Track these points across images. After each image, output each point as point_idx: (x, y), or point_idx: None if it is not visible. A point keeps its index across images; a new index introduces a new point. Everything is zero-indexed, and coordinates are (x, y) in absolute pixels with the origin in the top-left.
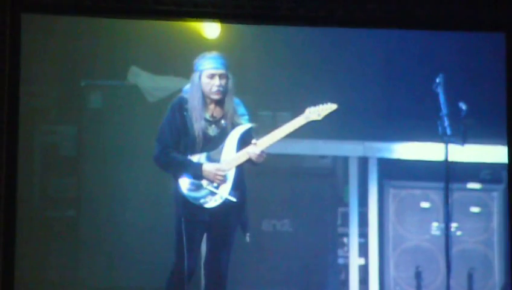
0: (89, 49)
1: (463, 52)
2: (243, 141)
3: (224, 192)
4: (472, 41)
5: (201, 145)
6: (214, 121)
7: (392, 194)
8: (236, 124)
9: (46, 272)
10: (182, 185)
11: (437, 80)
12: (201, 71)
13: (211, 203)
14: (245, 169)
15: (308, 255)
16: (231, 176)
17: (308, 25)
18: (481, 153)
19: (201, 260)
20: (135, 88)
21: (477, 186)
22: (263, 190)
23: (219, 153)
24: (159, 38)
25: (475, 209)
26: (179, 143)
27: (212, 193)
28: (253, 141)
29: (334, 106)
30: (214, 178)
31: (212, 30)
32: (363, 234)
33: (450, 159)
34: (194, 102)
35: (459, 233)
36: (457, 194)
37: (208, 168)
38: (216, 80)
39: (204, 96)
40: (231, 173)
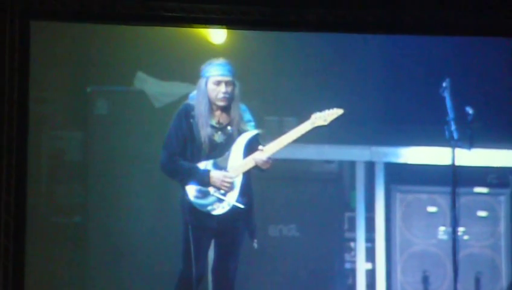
0: (96, 55)
1: (469, 56)
2: (250, 148)
3: (231, 199)
4: (478, 45)
5: (207, 152)
6: (220, 128)
7: (399, 198)
8: (242, 131)
9: (54, 278)
10: (189, 193)
11: (444, 85)
12: (207, 78)
13: (219, 210)
14: (252, 175)
15: (315, 260)
16: (238, 183)
17: (316, 31)
18: (488, 157)
19: (208, 267)
20: (142, 94)
21: (484, 190)
22: (270, 195)
23: (226, 160)
24: (166, 44)
25: (482, 213)
26: (186, 150)
27: (219, 200)
28: (259, 147)
29: (340, 111)
30: (221, 185)
31: (218, 36)
32: (370, 239)
33: (457, 164)
34: (201, 108)
35: (466, 237)
36: (464, 198)
37: (215, 175)
38: (222, 87)
39: (210, 102)
40: (238, 180)
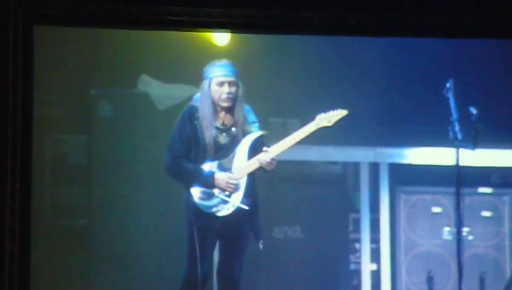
0: (100, 57)
1: (473, 56)
2: (254, 149)
3: (236, 200)
4: (482, 45)
5: (212, 153)
6: (225, 129)
7: (404, 199)
8: (247, 132)
9: (58, 281)
10: (194, 194)
11: (447, 85)
12: (210, 79)
13: (223, 211)
14: (257, 176)
15: (319, 261)
16: (243, 184)
17: (320, 35)
18: (492, 158)
19: (214, 268)
20: (145, 96)
21: (488, 190)
22: (274, 197)
23: (230, 161)
24: (169, 46)
25: (486, 213)
26: (190, 152)
27: (224, 202)
28: (264, 149)
29: (345, 112)
30: (226, 187)
31: (222, 37)
32: (375, 240)
33: (461, 164)
34: (204, 110)
35: (471, 238)
36: (468, 198)
37: (220, 176)
38: (226, 88)
39: (214, 104)
40: (243, 181)
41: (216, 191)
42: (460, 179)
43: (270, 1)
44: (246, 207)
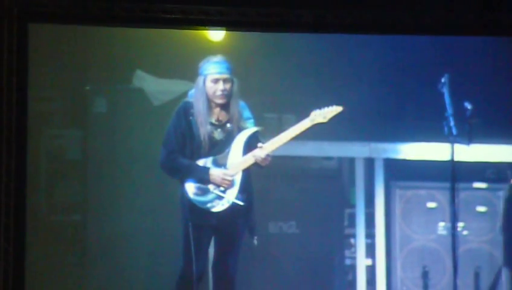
0: (95, 53)
1: (468, 51)
2: (249, 145)
3: (231, 196)
4: (477, 40)
5: (207, 149)
6: (220, 125)
7: (399, 194)
8: (242, 128)
9: (53, 276)
10: (188, 190)
11: (442, 80)
12: (205, 76)
13: (218, 207)
14: (252, 172)
15: (315, 256)
16: (238, 180)
17: (314, 32)
18: (487, 153)
19: (209, 264)
20: (140, 92)
21: (483, 185)
22: (269, 192)
23: (225, 157)
24: (164, 41)
25: (481, 208)
26: (185, 148)
27: (219, 197)
28: (259, 144)
29: (340, 109)
30: (221, 182)
31: (217, 33)
32: (370, 235)
33: (456, 159)
34: (199, 106)
35: (466, 233)
36: (463, 193)
37: (215, 172)
38: (220, 85)
39: (209, 100)
40: (238, 177)
41: (211, 186)
42: (455, 174)
43: None
44: (241, 203)
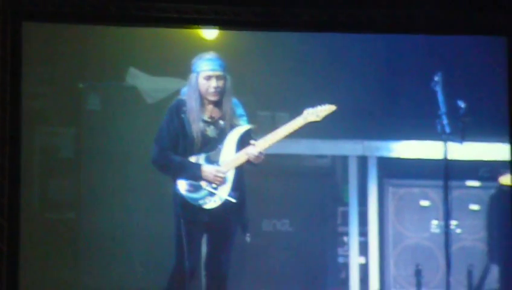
0: (88, 51)
1: (461, 50)
2: (242, 142)
3: (223, 193)
4: (469, 39)
5: (200, 146)
6: (213, 122)
7: (392, 192)
8: (235, 125)
9: (46, 274)
10: (181, 186)
11: (435, 79)
12: (198, 73)
13: (210, 204)
14: (245, 169)
15: (308, 254)
16: (230, 177)
17: (309, 31)
18: (480, 151)
19: (201, 261)
20: (134, 89)
21: (476, 184)
22: (263, 190)
23: (218, 154)
24: (157, 39)
25: (474, 207)
26: (178, 145)
27: (211, 194)
28: (251, 142)
29: (333, 107)
30: (213, 179)
31: (210, 31)
32: (363, 233)
33: (449, 157)
34: (192, 103)
35: (459, 231)
36: (456, 192)
37: (208, 169)
38: (213, 82)
39: (201, 97)
40: (230, 174)
41: (203, 183)
42: (448, 172)
43: None
44: (233, 200)
